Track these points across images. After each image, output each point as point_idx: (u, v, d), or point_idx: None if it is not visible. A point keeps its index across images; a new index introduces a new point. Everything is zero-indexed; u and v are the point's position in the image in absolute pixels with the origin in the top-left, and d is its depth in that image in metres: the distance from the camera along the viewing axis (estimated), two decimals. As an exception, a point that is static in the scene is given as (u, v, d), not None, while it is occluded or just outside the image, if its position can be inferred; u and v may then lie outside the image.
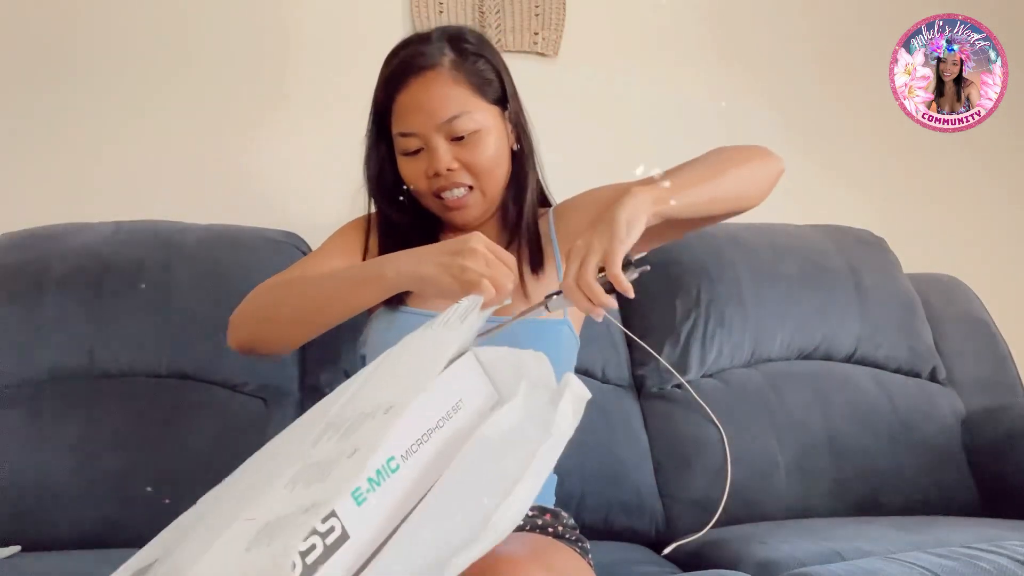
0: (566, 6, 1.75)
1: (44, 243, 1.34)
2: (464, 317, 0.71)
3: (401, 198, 1.03)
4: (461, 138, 0.94)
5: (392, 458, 0.57)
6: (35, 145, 1.59)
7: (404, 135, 0.96)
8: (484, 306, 0.75)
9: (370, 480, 0.54)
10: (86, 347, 1.26)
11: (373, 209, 1.07)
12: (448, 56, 0.96)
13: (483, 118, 0.96)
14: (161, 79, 1.63)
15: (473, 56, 0.97)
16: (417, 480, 0.58)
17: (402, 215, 1.04)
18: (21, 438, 1.19)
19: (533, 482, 0.58)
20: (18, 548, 1.10)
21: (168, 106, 1.63)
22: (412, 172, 0.97)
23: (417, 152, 0.96)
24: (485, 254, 0.81)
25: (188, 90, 1.64)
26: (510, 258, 0.83)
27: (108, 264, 1.31)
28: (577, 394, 0.65)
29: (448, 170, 0.95)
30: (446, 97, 0.94)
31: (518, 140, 1.02)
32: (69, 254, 1.32)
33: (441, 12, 1.68)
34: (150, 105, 1.63)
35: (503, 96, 1.00)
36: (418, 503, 0.56)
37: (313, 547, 0.48)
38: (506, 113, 1.00)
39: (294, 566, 0.47)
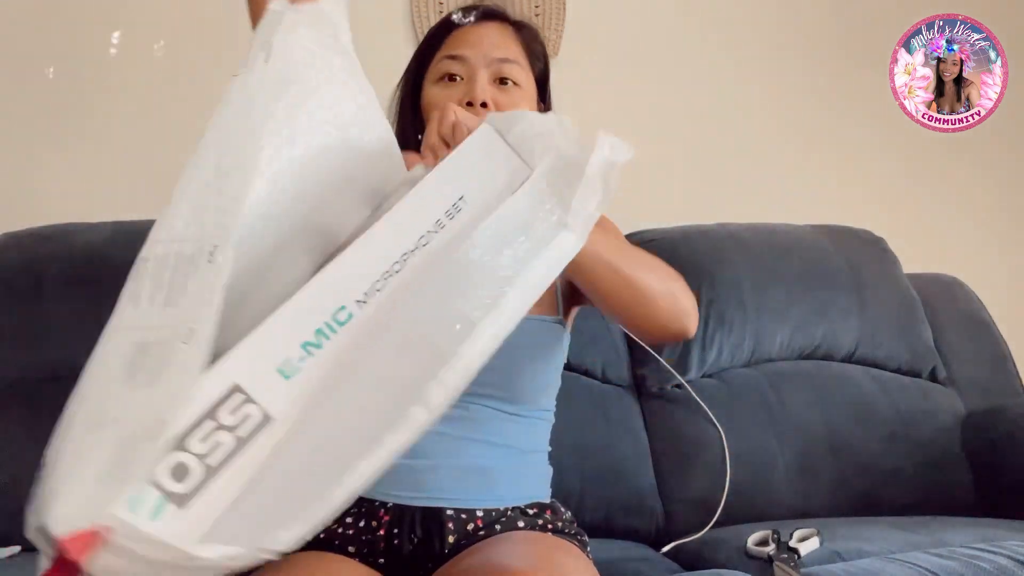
0: (566, 6, 1.75)
1: (44, 243, 1.34)
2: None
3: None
4: (504, 82, 0.95)
5: (343, 307, 0.48)
6: (35, 145, 1.59)
7: (452, 57, 0.96)
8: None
9: (305, 345, 0.46)
10: (86, 347, 1.25)
11: None
12: (513, 21, 1.02)
13: (526, 81, 0.98)
14: (162, 79, 1.63)
15: (533, 33, 1.04)
16: (377, 324, 0.49)
17: None
18: (21, 438, 1.19)
19: (533, 282, 0.50)
20: (18, 548, 1.10)
21: (169, 106, 1.63)
22: (442, 98, 0.95)
23: (453, 79, 0.96)
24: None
25: (188, 90, 1.64)
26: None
27: (108, 264, 1.31)
28: (608, 159, 0.56)
29: (482, 104, 0.93)
30: (506, 43, 0.98)
31: None
32: (69, 254, 1.32)
33: (441, 12, 1.68)
34: (151, 105, 1.63)
35: (544, 81, 1.03)
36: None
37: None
38: (540, 103, 1.02)
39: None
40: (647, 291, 0.83)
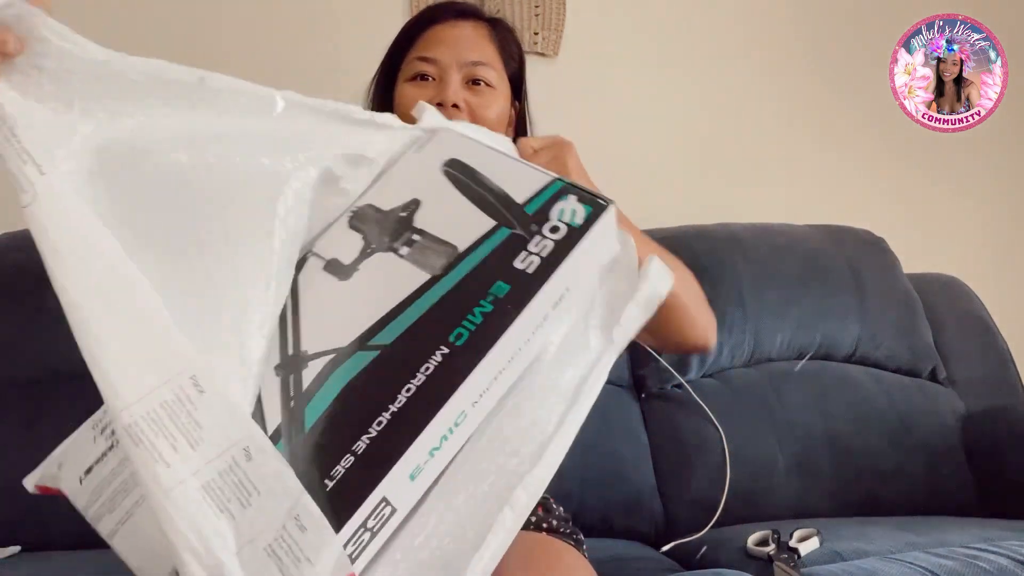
0: (566, 6, 1.75)
1: (44, 243, 1.34)
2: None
3: None
4: (477, 84, 0.95)
5: (463, 412, 0.51)
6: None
7: (423, 59, 0.95)
8: None
9: (432, 450, 0.50)
10: (86, 347, 1.26)
11: None
12: (488, 19, 1.01)
13: (500, 83, 0.97)
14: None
15: (507, 32, 1.02)
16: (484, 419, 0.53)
17: None
18: (21, 438, 1.19)
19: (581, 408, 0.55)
20: (18, 548, 1.10)
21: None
22: (413, 98, 0.92)
23: (425, 79, 0.95)
24: None
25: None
26: None
27: (108, 264, 1.31)
28: (656, 287, 0.59)
29: (453, 105, 0.93)
30: (480, 44, 0.97)
31: (515, 131, 1.03)
32: (69, 254, 1.32)
33: (441, 12, 1.68)
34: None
35: (518, 80, 1.02)
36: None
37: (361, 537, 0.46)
38: (514, 102, 1.02)
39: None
40: (689, 312, 0.88)
